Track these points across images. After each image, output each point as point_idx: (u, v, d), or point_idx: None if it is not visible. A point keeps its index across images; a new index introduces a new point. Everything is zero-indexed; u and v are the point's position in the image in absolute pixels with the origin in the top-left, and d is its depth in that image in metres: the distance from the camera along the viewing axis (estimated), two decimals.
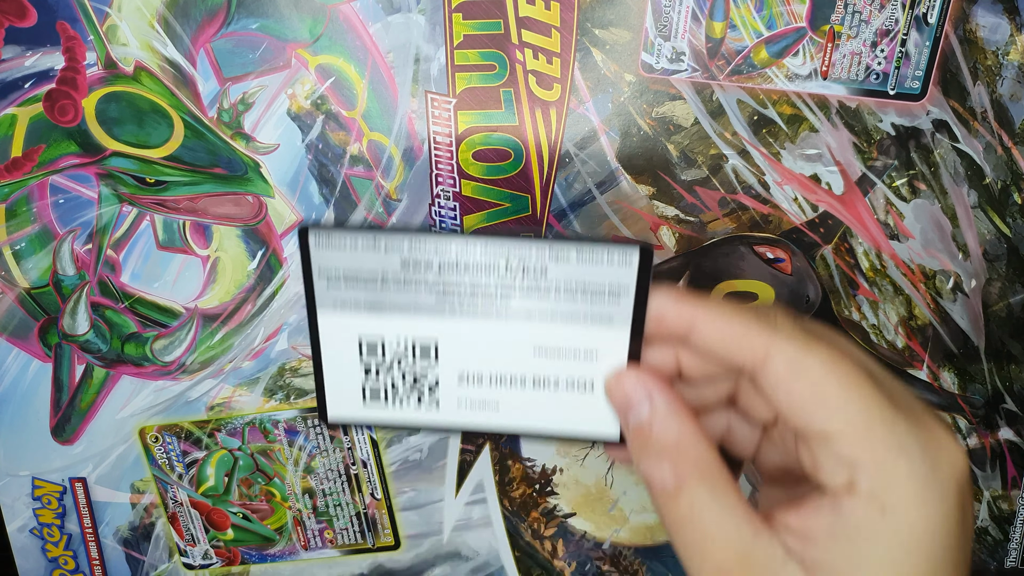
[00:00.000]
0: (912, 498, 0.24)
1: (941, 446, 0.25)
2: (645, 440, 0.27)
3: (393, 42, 0.36)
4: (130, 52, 0.36)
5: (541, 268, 0.26)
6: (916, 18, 0.35)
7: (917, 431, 0.24)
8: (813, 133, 0.37)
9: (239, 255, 0.39)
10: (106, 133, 0.37)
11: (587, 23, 0.36)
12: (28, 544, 0.44)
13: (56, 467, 0.42)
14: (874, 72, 0.36)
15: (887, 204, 0.38)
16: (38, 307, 0.40)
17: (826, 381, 0.25)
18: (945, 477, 0.24)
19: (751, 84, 0.37)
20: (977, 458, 0.42)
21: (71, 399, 0.41)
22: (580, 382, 0.28)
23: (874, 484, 0.24)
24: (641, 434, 0.27)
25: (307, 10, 0.36)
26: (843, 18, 0.36)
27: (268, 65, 0.37)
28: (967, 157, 0.37)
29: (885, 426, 0.24)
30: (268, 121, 0.37)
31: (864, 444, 0.24)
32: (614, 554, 0.44)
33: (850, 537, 0.24)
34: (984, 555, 0.43)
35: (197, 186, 0.38)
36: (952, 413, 0.41)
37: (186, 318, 0.40)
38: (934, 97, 0.37)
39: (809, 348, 0.25)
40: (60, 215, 0.39)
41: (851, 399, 0.24)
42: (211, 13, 0.36)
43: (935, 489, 0.24)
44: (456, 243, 0.26)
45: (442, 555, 0.44)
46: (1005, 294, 0.39)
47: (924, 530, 0.24)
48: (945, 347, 0.40)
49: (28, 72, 0.37)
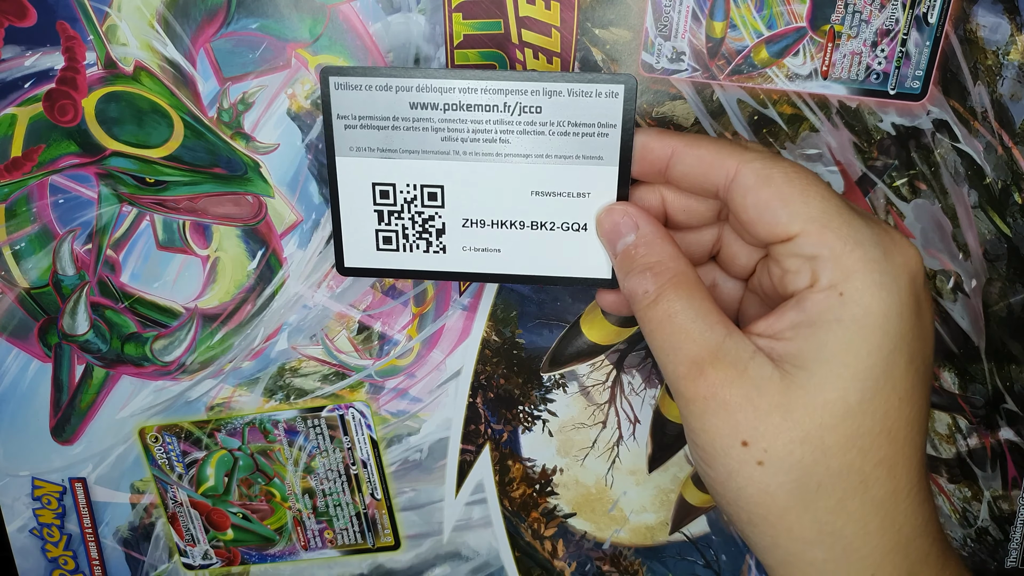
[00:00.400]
0: (868, 283, 0.25)
1: (895, 240, 0.26)
2: (631, 260, 0.29)
3: (393, 42, 0.36)
4: (130, 52, 0.36)
5: (536, 106, 0.29)
6: (916, 18, 0.35)
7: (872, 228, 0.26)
8: (813, 133, 0.37)
9: (239, 255, 0.39)
10: (106, 133, 0.37)
11: (587, 23, 0.36)
12: (28, 544, 0.44)
13: (56, 467, 0.42)
14: (874, 72, 0.36)
15: (887, 204, 0.38)
16: (38, 307, 0.40)
17: (789, 186, 0.27)
18: (898, 266, 0.26)
19: (751, 84, 0.36)
20: (977, 458, 0.42)
21: (71, 399, 0.41)
22: (574, 223, 0.30)
23: (833, 275, 0.26)
24: (628, 255, 0.29)
25: (307, 10, 0.36)
26: (843, 18, 0.36)
27: (268, 65, 0.37)
28: (967, 157, 0.37)
29: (842, 221, 0.26)
30: (268, 121, 0.37)
31: (823, 239, 0.26)
32: (614, 554, 0.44)
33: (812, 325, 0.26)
34: (984, 555, 0.43)
35: (197, 186, 0.38)
36: (953, 413, 0.41)
37: (186, 318, 0.40)
38: (934, 97, 0.37)
39: (775, 161, 0.27)
40: (60, 215, 0.38)
41: (811, 201, 0.26)
42: (211, 13, 0.36)
43: (889, 275, 0.26)
44: (459, 82, 0.28)
45: (442, 555, 0.44)
46: (1005, 294, 0.39)
47: (879, 312, 0.25)
48: (945, 347, 0.40)
49: (28, 72, 0.36)
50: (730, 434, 0.26)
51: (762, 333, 0.27)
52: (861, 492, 0.26)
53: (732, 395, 0.26)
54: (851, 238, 0.26)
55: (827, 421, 0.25)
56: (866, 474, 0.26)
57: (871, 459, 0.26)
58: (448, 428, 0.42)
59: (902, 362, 0.26)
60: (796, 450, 0.25)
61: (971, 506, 0.42)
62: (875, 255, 0.26)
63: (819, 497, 0.26)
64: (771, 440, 0.25)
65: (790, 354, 0.26)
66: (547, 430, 0.42)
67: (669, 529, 0.44)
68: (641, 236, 0.29)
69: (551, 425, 0.42)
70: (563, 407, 0.42)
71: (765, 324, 0.27)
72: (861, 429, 0.25)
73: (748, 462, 0.26)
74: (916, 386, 0.26)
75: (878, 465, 0.26)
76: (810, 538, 0.26)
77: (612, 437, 0.43)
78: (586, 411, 0.42)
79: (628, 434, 0.42)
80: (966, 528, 0.43)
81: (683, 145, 0.28)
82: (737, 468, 0.26)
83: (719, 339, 0.27)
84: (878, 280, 0.25)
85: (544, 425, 0.42)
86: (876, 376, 0.25)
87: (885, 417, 0.26)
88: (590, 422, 0.42)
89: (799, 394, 0.25)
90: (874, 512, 0.26)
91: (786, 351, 0.26)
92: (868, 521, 0.26)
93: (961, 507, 0.42)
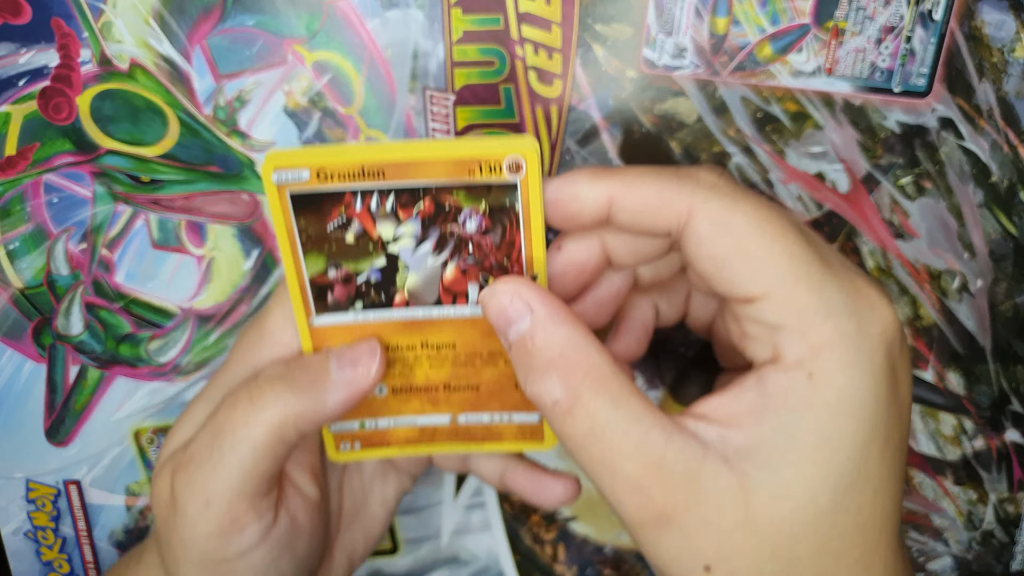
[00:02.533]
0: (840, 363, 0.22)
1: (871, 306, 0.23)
2: (529, 354, 0.24)
3: (391, 38, 0.36)
4: (125, 49, 0.36)
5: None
6: (921, 14, 0.35)
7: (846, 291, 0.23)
8: (818, 130, 0.37)
9: (234, 254, 0.39)
10: (101, 131, 0.37)
11: (588, 18, 0.35)
12: (22, 547, 0.43)
13: (50, 469, 0.42)
14: (879, 69, 0.36)
15: (892, 202, 0.38)
16: (32, 307, 0.39)
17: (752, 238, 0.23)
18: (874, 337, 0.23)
19: (755, 81, 0.36)
20: (983, 460, 0.41)
21: (65, 400, 0.41)
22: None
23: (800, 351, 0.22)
24: (524, 348, 0.24)
25: (304, 6, 0.35)
26: (847, 14, 0.35)
27: (264, 62, 0.36)
28: (973, 155, 0.37)
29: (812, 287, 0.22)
30: (264, 118, 0.37)
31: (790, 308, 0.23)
32: (615, 558, 0.44)
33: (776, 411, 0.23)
34: (990, 558, 0.43)
35: (192, 184, 0.38)
36: (958, 415, 0.41)
37: (181, 318, 0.40)
38: (939, 94, 0.36)
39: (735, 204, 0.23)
40: (54, 214, 0.38)
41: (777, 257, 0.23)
42: (207, 9, 0.36)
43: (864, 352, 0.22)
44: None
45: (441, 559, 0.44)
46: (1011, 294, 0.39)
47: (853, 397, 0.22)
48: (951, 348, 0.40)
49: (22, 70, 0.36)
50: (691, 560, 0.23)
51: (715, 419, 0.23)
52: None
53: (688, 519, 0.22)
54: (822, 307, 0.22)
55: (797, 530, 0.22)
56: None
57: (846, 561, 0.23)
58: None
59: (876, 450, 0.23)
60: (765, 568, 0.23)
61: (976, 509, 0.42)
62: (848, 328, 0.22)
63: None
64: (737, 562, 0.23)
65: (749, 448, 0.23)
66: None
67: None
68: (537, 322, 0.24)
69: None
70: None
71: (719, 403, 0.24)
72: (833, 531, 0.23)
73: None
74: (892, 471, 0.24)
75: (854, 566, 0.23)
76: None
77: None
78: None
79: None
80: (971, 531, 0.42)
81: (622, 188, 0.24)
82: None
83: (660, 450, 0.22)
84: (852, 359, 0.22)
85: None
86: (850, 471, 0.22)
87: (859, 513, 0.23)
88: None
89: (763, 503, 0.22)
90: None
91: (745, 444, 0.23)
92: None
93: (966, 510, 0.42)
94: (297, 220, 0.26)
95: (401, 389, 0.30)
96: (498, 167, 0.25)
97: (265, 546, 0.28)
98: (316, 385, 0.27)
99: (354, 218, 0.26)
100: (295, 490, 0.30)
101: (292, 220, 0.26)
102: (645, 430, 0.23)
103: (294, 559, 0.30)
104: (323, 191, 0.26)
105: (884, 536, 0.24)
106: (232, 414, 0.27)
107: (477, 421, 0.30)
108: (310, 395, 0.26)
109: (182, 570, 0.28)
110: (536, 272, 0.27)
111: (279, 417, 0.26)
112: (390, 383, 0.30)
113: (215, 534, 0.27)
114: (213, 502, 0.27)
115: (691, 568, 0.23)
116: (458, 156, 0.25)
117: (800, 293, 0.23)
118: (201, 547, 0.27)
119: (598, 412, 0.23)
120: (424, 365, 0.29)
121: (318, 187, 0.25)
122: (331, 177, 0.25)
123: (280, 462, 0.28)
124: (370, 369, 0.27)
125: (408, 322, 0.28)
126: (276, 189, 0.25)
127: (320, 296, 0.28)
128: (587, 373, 0.23)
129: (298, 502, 0.30)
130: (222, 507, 0.27)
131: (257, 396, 0.27)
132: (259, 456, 0.26)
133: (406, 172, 0.25)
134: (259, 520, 0.28)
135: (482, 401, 0.30)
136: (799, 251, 0.23)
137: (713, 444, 0.23)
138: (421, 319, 0.28)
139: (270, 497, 0.28)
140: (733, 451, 0.23)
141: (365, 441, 0.31)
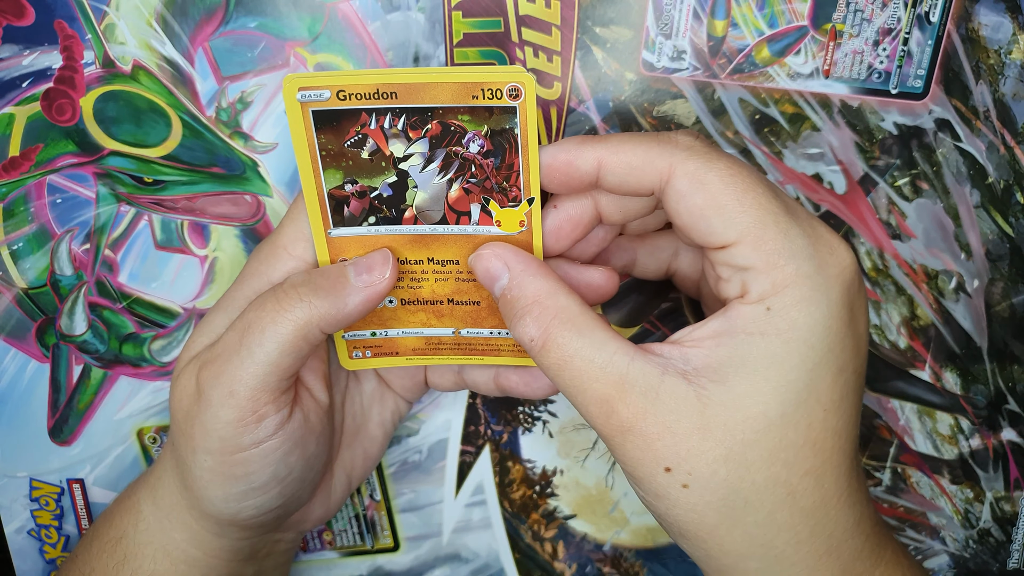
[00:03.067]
0: (796, 298, 0.25)
1: (830, 250, 0.26)
2: (509, 303, 0.28)
3: (392, 40, 0.36)
4: (128, 51, 0.36)
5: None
6: (918, 17, 0.35)
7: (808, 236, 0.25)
8: (815, 132, 0.37)
9: (237, 255, 0.39)
10: (104, 132, 0.37)
11: (588, 21, 0.36)
12: (26, 546, 0.43)
13: (54, 468, 0.42)
14: (876, 71, 0.36)
15: (889, 203, 0.38)
16: (36, 307, 0.40)
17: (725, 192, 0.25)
18: (831, 278, 0.25)
19: (753, 83, 0.36)
20: (980, 459, 0.42)
21: (69, 400, 0.41)
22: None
23: (763, 288, 0.25)
24: (505, 299, 0.28)
25: (306, 8, 0.36)
26: (845, 16, 0.35)
27: (266, 64, 0.36)
28: (969, 156, 0.37)
29: (778, 231, 0.25)
30: (266, 120, 0.37)
31: (758, 251, 0.25)
32: (615, 556, 0.44)
33: (733, 336, 0.25)
34: (987, 556, 0.43)
35: (195, 185, 0.38)
36: (955, 414, 0.41)
37: (184, 318, 0.40)
38: (936, 96, 0.37)
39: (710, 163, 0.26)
40: (58, 215, 0.38)
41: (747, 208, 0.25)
42: (209, 12, 0.36)
43: (820, 289, 0.25)
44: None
45: (442, 557, 0.44)
46: (1008, 294, 0.39)
47: (805, 326, 0.25)
48: (948, 348, 0.40)
49: (26, 71, 0.36)
50: (652, 462, 0.25)
51: (679, 341, 0.26)
52: (789, 503, 0.25)
53: (648, 426, 0.25)
54: (785, 250, 0.25)
55: (748, 436, 0.25)
56: (793, 486, 0.25)
57: (797, 471, 0.25)
58: (448, 429, 0.42)
59: (828, 374, 0.25)
60: (720, 469, 0.25)
61: (973, 507, 0.42)
62: (807, 269, 0.25)
63: (747, 512, 0.25)
64: (693, 463, 0.25)
65: (707, 366, 0.25)
66: (547, 431, 0.42)
67: None
68: (513, 277, 0.28)
69: (551, 426, 0.42)
70: (563, 408, 0.42)
71: (687, 332, 0.26)
72: (784, 442, 0.25)
73: (673, 486, 0.25)
74: (845, 396, 0.26)
75: (805, 476, 0.25)
76: (742, 551, 0.26)
77: None
78: None
79: None
80: (968, 529, 0.43)
81: (608, 152, 0.27)
82: (663, 492, 0.26)
83: (622, 369, 0.26)
84: (807, 295, 0.25)
85: (544, 426, 0.42)
86: (799, 389, 0.25)
87: (809, 429, 0.25)
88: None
89: (717, 411, 0.25)
90: (803, 521, 0.26)
91: (704, 362, 0.25)
92: (798, 530, 0.26)
93: (963, 508, 0.42)
94: (318, 137, 0.28)
95: (410, 301, 0.32)
96: (499, 92, 0.28)
97: (279, 438, 0.30)
98: (337, 289, 0.29)
99: (369, 135, 0.29)
100: (308, 393, 0.32)
101: (313, 136, 0.28)
102: (609, 355, 0.26)
103: (303, 457, 0.31)
104: (342, 109, 0.28)
105: (836, 454, 0.26)
106: (261, 314, 0.29)
107: (478, 335, 0.33)
108: (332, 298, 0.29)
109: (199, 459, 0.30)
110: (532, 195, 0.29)
111: (304, 317, 0.29)
112: (399, 295, 0.32)
113: (235, 421, 0.29)
114: (238, 391, 0.29)
115: (653, 470, 0.25)
116: (463, 80, 0.27)
117: (768, 238, 0.25)
118: (221, 433, 0.29)
119: (566, 344, 0.26)
120: (431, 279, 0.31)
121: (338, 105, 0.28)
122: (350, 97, 0.28)
123: (301, 360, 0.30)
124: (384, 273, 0.30)
125: (416, 237, 0.31)
126: (299, 107, 0.28)
127: (337, 209, 0.30)
128: (556, 314, 0.27)
129: (311, 404, 0.32)
130: (246, 396, 0.29)
131: (284, 298, 0.29)
132: (285, 351, 0.29)
133: (417, 94, 0.28)
134: (277, 413, 0.30)
135: (482, 317, 0.32)
136: (766, 202, 0.25)
137: (675, 363, 0.26)
138: (428, 235, 0.30)
139: (288, 394, 0.30)
140: (692, 368, 0.25)
141: (376, 350, 0.33)
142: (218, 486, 0.30)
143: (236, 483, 0.30)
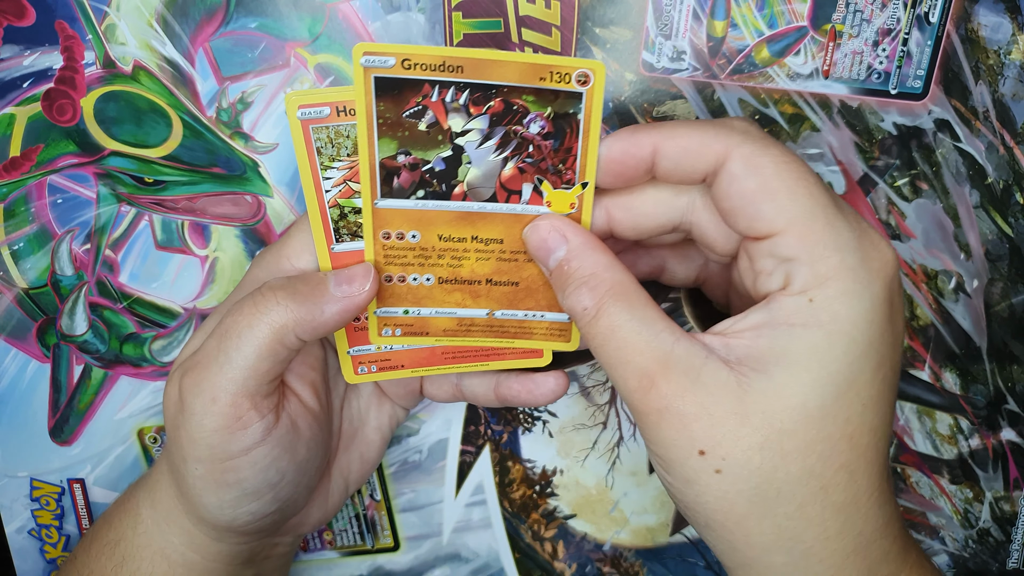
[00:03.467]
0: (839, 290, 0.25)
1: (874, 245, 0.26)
2: (566, 276, 0.28)
3: (392, 41, 0.36)
4: (128, 51, 0.36)
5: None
6: (918, 17, 0.35)
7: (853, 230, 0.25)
8: (815, 132, 0.37)
9: (237, 255, 0.39)
10: (104, 133, 0.37)
11: (588, 21, 0.36)
12: (26, 545, 0.43)
13: (54, 468, 0.42)
14: (876, 71, 0.36)
15: (889, 204, 0.38)
16: (36, 307, 0.40)
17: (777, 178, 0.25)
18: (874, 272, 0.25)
19: (752, 83, 0.36)
20: (979, 459, 0.42)
21: (69, 400, 0.41)
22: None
23: (806, 280, 0.25)
24: (561, 272, 0.28)
25: (306, 9, 0.36)
26: (844, 17, 0.35)
27: (267, 64, 0.36)
28: (969, 157, 0.37)
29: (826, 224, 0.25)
30: (267, 120, 0.37)
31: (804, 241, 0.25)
32: (615, 556, 0.44)
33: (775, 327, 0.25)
34: (986, 556, 0.43)
35: (195, 186, 0.38)
36: (954, 414, 0.41)
37: (184, 318, 0.40)
38: (936, 96, 0.37)
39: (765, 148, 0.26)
40: (58, 215, 0.38)
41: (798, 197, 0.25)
42: (210, 12, 0.36)
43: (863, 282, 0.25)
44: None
45: (442, 557, 0.44)
46: (1007, 294, 0.39)
47: (847, 318, 0.25)
48: (947, 347, 0.40)
49: (26, 72, 0.36)
50: (687, 444, 0.25)
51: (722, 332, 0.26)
52: (821, 497, 0.25)
53: (686, 405, 0.25)
54: (831, 242, 0.25)
55: (786, 426, 0.25)
56: (826, 480, 0.25)
57: (832, 465, 0.25)
58: (448, 429, 0.42)
59: (868, 368, 0.25)
60: (755, 457, 0.25)
61: (972, 507, 0.42)
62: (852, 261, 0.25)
63: (778, 503, 0.25)
64: (729, 448, 0.25)
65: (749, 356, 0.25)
66: (547, 431, 0.42)
67: (670, 530, 0.44)
68: (571, 249, 0.28)
69: (551, 426, 0.42)
70: (563, 408, 0.42)
71: (728, 323, 0.26)
72: (821, 434, 0.25)
73: (706, 471, 0.25)
74: (883, 392, 0.26)
75: (839, 470, 0.25)
76: (769, 544, 0.26)
77: (613, 438, 0.42)
78: (586, 412, 0.42)
79: (629, 435, 0.42)
80: (967, 529, 0.43)
81: (664, 138, 0.27)
82: (695, 477, 0.25)
83: (667, 347, 0.26)
84: (850, 287, 0.25)
85: (544, 426, 0.42)
86: (839, 382, 0.25)
87: (847, 423, 0.25)
88: (590, 423, 0.42)
89: (756, 399, 0.25)
90: (834, 517, 0.25)
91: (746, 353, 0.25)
92: (828, 526, 0.25)
93: (963, 508, 0.42)
94: (377, 104, 0.28)
95: (447, 280, 0.32)
96: (568, 77, 0.28)
97: (267, 444, 0.30)
98: (315, 296, 0.29)
99: (429, 107, 0.28)
100: (296, 399, 0.32)
101: (373, 102, 0.28)
102: (656, 332, 0.26)
103: (293, 462, 0.31)
104: (405, 78, 0.28)
105: (870, 450, 0.26)
106: (239, 318, 0.29)
107: (512, 316, 0.32)
108: (309, 304, 0.29)
109: (190, 468, 0.30)
110: (587, 179, 0.29)
111: (280, 321, 0.28)
112: (438, 273, 0.32)
113: (220, 429, 0.29)
114: (219, 398, 0.29)
115: (687, 452, 0.25)
116: (533, 61, 0.27)
117: (815, 229, 0.25)
118: (207, 442, 0.29)
119: (617, 315, 0.26)
120: (472, 258, 0.31)
121: (401, 74, 0.28)
122: (415, 67, 0.27)
123: (281, 365, 0.30)
124: (364, 287, 0.29)
125: (463, 214, 0.30)
126: (363, 71, 0.27)
127: (387, 180, 0.30)
128: (611, 288, 0.27)
129: (299, 410, 0.32)
130: (226, 403, 0.29)
131: (261, 302, 0.29)
132: (261, 355, 0.28)
133: (483, 70, 0.28)
134: (261, 419, 0.29)
135: (519, 298, 0.32)
136: (817, 192, 0.25)
137: (717, 350, 0.26)
138: (476, 212, 0.30)
139: (271, 399, 0.30)
140: (735, 357, 0.25)
141: (407, 329, 0.33)
142: (211, 493, 0.30)
143: (229, 490, 0.30)
